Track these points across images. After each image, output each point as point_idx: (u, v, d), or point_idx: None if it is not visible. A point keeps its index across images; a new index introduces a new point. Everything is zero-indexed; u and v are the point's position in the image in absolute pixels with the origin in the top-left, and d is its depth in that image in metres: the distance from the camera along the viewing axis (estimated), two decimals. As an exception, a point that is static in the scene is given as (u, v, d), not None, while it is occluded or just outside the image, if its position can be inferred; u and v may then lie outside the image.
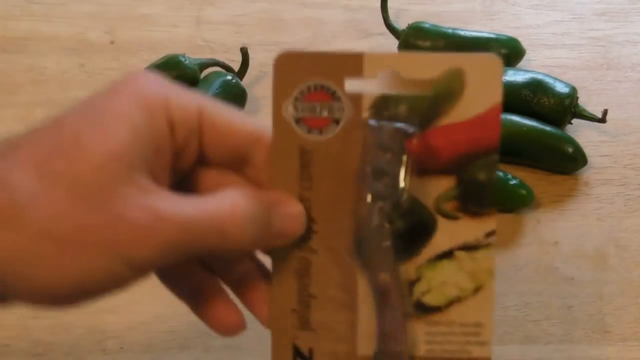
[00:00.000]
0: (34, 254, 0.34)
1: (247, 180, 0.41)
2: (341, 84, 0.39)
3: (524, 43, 0.66)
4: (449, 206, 0.41)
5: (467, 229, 0.41)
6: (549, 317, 0.56)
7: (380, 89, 0.40)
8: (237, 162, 0.41)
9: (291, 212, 0.40)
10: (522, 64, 0.66)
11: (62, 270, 0.34)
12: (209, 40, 0.68)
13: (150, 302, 0.56)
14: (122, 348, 0.55)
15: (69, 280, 0.34)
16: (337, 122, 0.40)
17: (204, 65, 0.64)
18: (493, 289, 0.42)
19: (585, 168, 0.62)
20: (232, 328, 0.42)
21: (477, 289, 0.42)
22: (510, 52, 0.66)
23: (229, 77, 0.63)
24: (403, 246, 0.41)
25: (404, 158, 0.40)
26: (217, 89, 0.61)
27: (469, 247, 0.41)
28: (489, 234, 0.41)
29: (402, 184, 0.40)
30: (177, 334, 0.55)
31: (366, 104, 0.40)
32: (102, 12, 0.69)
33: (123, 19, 0.69)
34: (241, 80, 0.63)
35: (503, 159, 0.61)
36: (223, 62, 0.64)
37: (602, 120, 0.62)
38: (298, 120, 0.40)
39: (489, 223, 0.41)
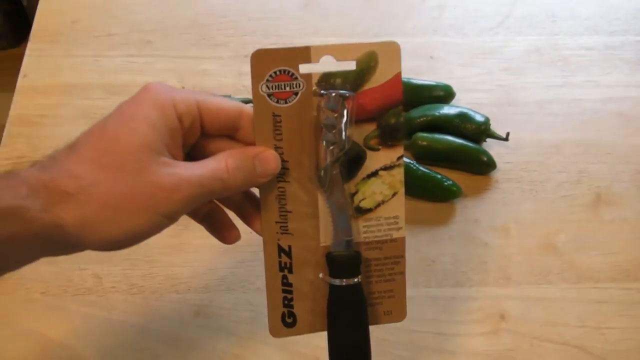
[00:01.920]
0: (100, 219, 0.35)
1: (239, 143, 0.41)
2: (297, 68, 0.40)
3: (455, 88, 0.66)
4: (373, 142, 0.42)
5: (385, 156, 0.42)
6: (471, 269, 0.56)
7: (322, 69, 0.40)
8: (230, 131, 0.41)
9: (268, 158, 0.40)
10: (454, 102, 0.66)
11: (120, 228, 0.36)
12: (246, 85, 0.67)
13: (208, 260, 0.56)
14: (189, 290, 0.55)
15: (124, 233, 0.36)
16: (296, 94, 0.40)
17: (244, 102, 0.63)
18: (403, 193, 0.43)
19: (495, 171, 0.61)
20: (233, 239, 0.44)
21: (394, 194, 0.43)
22: (446, 94, 0.65)
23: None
24: (346, 172, 0.42)
25: (346, 114, 0.40)
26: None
27: (387, 167, 0.42)
28: (399, 158, 0.42)
29: (345, 134, 0.40)
30: (224, 281, 0.55)
31: (314, 79, 0.40)
32: (177, 68, 0.68)
33: (190, 72, 0.68)
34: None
35: (441, 165, 0.62)
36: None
37: (506, 139, 0.62)
38: (269, 95, 0.40)
39: (399, 151, 0.42)
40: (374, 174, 0.42)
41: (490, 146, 0.62)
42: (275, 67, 0.39)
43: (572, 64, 0.69)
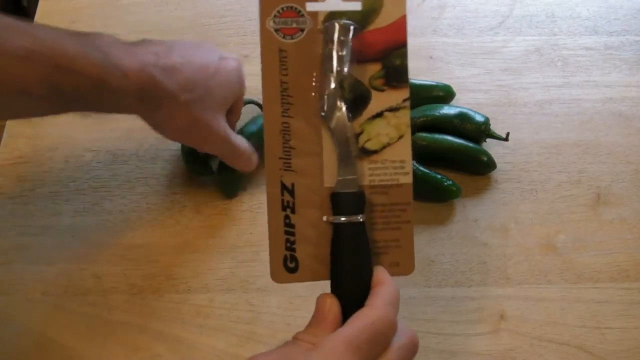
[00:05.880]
0: (179, 119, 0.50)
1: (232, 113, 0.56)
2: (304, 5, 0.41)
3: (455, 88, 0.66)
4: (378, 82, 0.42)
5: (391, 97, 0.42)
6: (471, 269, 0.56)
7: (329, 8, 0.41)
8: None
9: (254, 159, 0.56)
10: (453, 102, 0.66)
11: (185, 132, 0.51)
12: (248, 86, 0.67)
13: (208, 260, 0.56)
14: (189, 290, 0.54)
15: (187, 139, 0.54)
16: (302, 30, 0.41)
17: (246, 103, 0.63)
18: (410, 136, 0.42)
19: (495, 171, 0.61)
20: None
21: (400, 137, 0.42)
22: (446, 94, 0.65)
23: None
24: (351, 111, 0.41)
25: (349, 44, 0.41)
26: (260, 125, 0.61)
27: (392, 109, 0.42)
28: (405, 100, 0.42)
29: (347, 64, 0.40)
30: (225, 280, 0.55)
31: (320, 18, 0.41)
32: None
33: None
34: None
35: (441, 165, 0.62)
36: (256, 101, 0.64)
37: (506, 139, 0.62)
38: (277, 30, 0.41)
39: (404, 92, 0.42)
40: (379, 114, 0.42)
41: (490, 146, 0.62)
42: (282, 3, 0.40)
43: (571, 64, 0.69)
